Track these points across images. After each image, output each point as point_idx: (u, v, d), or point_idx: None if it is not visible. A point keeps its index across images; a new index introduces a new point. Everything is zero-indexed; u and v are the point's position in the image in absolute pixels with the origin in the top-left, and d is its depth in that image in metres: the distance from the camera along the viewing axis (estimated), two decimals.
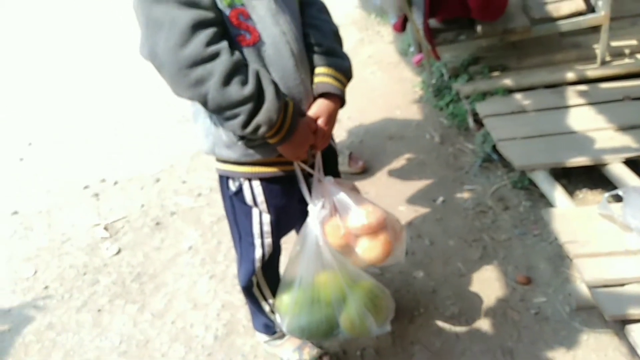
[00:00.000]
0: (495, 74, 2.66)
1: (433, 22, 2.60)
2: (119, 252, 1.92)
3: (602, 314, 1.38)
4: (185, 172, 2.35)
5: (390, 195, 2.02)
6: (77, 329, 1.67)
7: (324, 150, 1.09)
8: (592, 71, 2.47)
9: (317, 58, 0.99)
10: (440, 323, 1.51)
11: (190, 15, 0.80)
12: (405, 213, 1.91)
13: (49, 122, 3.29)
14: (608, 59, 2.55)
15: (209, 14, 0.82)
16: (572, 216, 1.66)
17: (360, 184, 2.10)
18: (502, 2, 2.36)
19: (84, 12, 6.79)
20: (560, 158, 1.93)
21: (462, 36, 2.60)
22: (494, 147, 2.17)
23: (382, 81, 3.10)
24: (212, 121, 0.96)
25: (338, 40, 1.04)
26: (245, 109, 0.84)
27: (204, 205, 2.11)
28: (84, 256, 1.92)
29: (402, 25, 2.56)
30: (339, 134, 2.52)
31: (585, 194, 1.93)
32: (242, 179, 1.03)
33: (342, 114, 2.68)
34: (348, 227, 1.06)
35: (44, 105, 3.60)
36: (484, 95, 2.49)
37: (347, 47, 3.86)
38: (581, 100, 2.30)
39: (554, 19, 2.51)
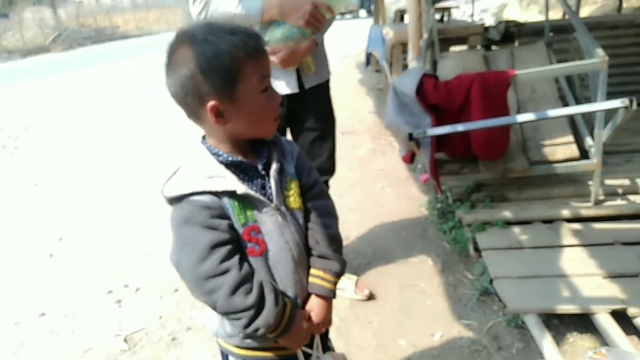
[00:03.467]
0: (496, 203, 2.86)
1: (439, 155, 2.85)
2: None
3: None
4: None
5: (391, 326, 2.16)
6: None
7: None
8: (586, 210, 2.65)
9: (312, 260, 1.16)
10: None
11: (210, 237, 0.98)
12: (405, 348, 2.04)
13: (81, 216, 3.54)
14: (602, 197, 2.75)
15: (225, 235, 1.00)
16: None
17: (364, 313, 2.26)
18: (503, 146, 2.60)
19: (117, 107, 7.27)
20: (551, 304, 2.07)
21: (465, 169, 2.84)
22: (491, 281, 2.33)
23: (391, 198, 3.32)
24: (217, 313, 1.11)
25: (334, 242, 1.17)
26: (247, 314, 1.00)
27: None
28: None
29: (410, 158, 2.80)
30: (349, 254, 2.70)
31: (575, 338, 2.05)
32: (238, 359, 1.18)
33: (351, 232, 2.91)
34: None
35: (77, 199, 3.88)
36: (484, 226, 2.68)
37: (361, 156, 4.16)
38: (574, 241, 2.47)
39: (550, 162, 2.74)
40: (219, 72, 0.95)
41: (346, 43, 12.64)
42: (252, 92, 1.00)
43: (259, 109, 1.02)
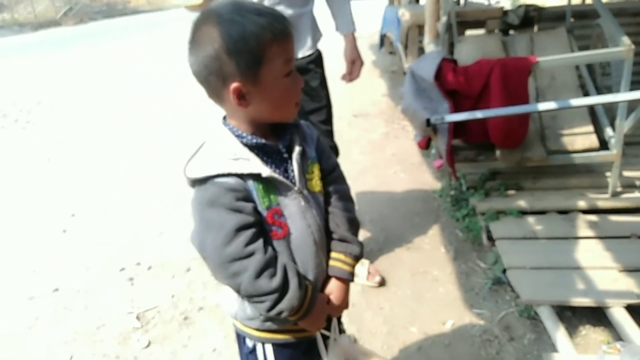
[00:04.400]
0: (511, 192, 2.83)
1: (454, 141, 2.81)
2: (148, 345, 2.08)
3: None
4: None
5: (403, 314, 2.16)
6: None
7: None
8: (603, 202, 2.61)
9: (333, 243, 1.16)
10: None
11: (235, 219, 0.97)
12: (417, 335, 2.04)
13: (93, 193, 3.55)
14: (619, 189, 2.70)
15: (250, 218, 0.99)
16: None
17: (376, 299, 2.26)
18: (522, 134, 2.56)
19: (132, 86, 7.22)
20: (566, 296, 2.05)
21: (481, 157, 2.80)
22: (504, 270, 2.32)
23: (404, 183, 3.30)
24: (240, 296, 1.11)
25: (353, 226, 1.19)
26: (271, 297, 1.00)
27: None
28: (117, 346, 2.09)
29: (426, 144, 2.77)
30: (361, 239, 2.69)
31: (588, 331, 2.04)
32: (256, 341, 1.19)
33: (364, 217, 2.89)
34: None
35: (90, 175, 3.89)
36: (498, 214, 2.65)
37: (374, 140, 4.13)
38: (590, 232, 2.44)
39: (568, 152, 2.70)
40: (244, 53, 0.93)
41: (359, 23, 12.47)
42: (276, 75, 0.98)
43: (281, 93, 1.00)
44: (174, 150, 4.34)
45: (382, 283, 2.34)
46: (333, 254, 1.16)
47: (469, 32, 4.35)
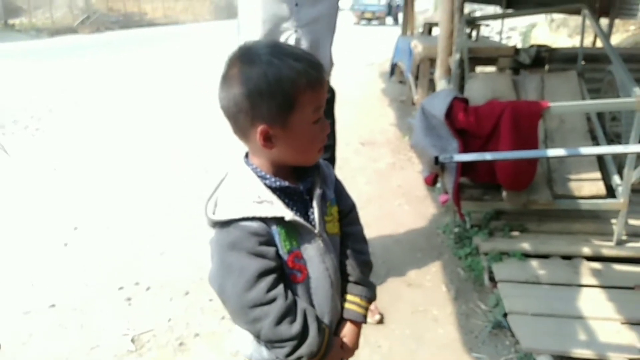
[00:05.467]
0: (515, 233, 2.82)
1: (462, 179, 2.81)
2: None
3: None
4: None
5: (401, 353, 2.13)
6: None
7: None
8: (608, 249, 2.60)
9: (349, 286, 1.17)
10: None
11: (257, 264, 0.97)
12: None
13: (97, 206, 3.54)
14: (624, 237, 2.69)
15: (272, 263, 0.98)
16: None
17: (374, 337, 2.24)
18: (529, 177, 2.56)
19: (140, 101, 7.26)
20: (567, 346, 2.02)
21: (487, 196, 2.80)
22: (505, 314, 2.29)
23: (408, 217, 3.29)
24: (258, 341, 1.11)
25: (367, 268, 1.20)
26: (291, 344, 0.99)
27: (225, 332, 2.25)
28: None
29: (433, 181, 2.77)
30: None
31: None
32: None
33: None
34: None
35: (95, 188, 3.89)
36: (501, 256, 2.63)
37: (380, 170, 4.13)
38: (593, 281, 2.42)
39: (575, 197, 2.69)
40: (278, 96, 0.93)
41: (371, 50, 12.61)
42: (305, 122, 0.98)
43: (308, 140, 1.01)
44: (184, 168, 4.35)
45: (381, 320, 2.31)
46: (349, 297, 1.16)
47: (479, 69, 4.39)
